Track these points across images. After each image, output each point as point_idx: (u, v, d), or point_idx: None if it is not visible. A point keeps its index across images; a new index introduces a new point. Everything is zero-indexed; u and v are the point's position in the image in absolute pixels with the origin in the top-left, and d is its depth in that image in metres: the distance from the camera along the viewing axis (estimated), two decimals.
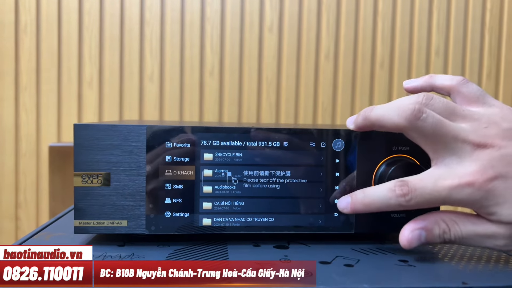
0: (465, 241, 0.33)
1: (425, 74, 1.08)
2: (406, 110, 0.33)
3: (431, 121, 0.32)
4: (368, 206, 0.35)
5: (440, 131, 0.32)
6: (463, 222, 0.33)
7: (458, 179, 0.32)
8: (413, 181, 0.33)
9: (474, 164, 0.32)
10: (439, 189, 0.32)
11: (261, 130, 0.38)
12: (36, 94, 1.02)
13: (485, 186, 0.31)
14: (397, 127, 0.34)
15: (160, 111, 1.04)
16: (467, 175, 0.32)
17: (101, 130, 0.36)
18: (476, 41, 1.12)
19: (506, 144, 0.32)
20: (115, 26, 1.03)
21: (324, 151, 0.39)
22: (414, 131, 0.33)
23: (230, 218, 0.38)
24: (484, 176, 0.31)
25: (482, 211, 0.33)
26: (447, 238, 0.33)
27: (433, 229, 0.33)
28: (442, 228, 0.33)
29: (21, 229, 1.03)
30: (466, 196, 0.32)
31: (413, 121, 0.32)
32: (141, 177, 0.37)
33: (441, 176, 0.32)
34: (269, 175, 0.38)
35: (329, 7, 1.07)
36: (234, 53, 1.05)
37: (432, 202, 0.32)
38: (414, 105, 0.33)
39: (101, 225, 0.36)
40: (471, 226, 0.33)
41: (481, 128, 0.33)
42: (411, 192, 0.32)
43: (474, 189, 0.31)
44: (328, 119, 1.07)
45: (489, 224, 0.33)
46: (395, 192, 0.33)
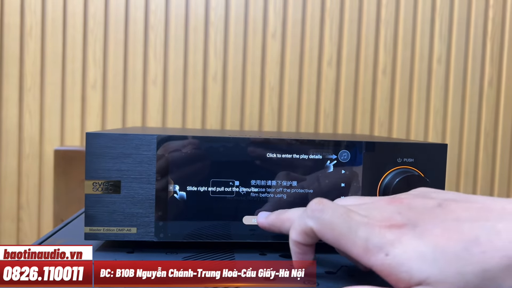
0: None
1: (427, 82, 1.10)
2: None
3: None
4: (279, 218, 0.34)
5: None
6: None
7: (369, 219, 0.28)
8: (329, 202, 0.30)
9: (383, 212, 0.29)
10: (349, 218, 0.28)
11: (267, 141, 0.39)
12: (40, 96, 1.02)
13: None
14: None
15: (163, 115, 1.05)
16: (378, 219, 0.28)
17: (113, 138, 0.37)
18: (478, 50, 1.13)
19: (412, 199, 0.30)
20: (119, 30, 1.03)
21: (330, 162, 0.39)
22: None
23: (237, 227, 0.39)
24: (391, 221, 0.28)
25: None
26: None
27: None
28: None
29: (23, 230, 1.03)
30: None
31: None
32: (151, 185, 0.37)
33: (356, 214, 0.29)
34: (276, 185, 0.39)
35: (332, 14, 1.08)
36: (238, 58, 1.06)
37: (339, 231, 0.28)
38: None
39: (110, 232, 0.37)
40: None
41: (390, 196, 0.32)
42: (325, 204, 0.29)
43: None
44: (330, 125, 1.08)
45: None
46: (310, 203, 0.30)
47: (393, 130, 1.10)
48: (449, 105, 1.12)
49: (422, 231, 0.27)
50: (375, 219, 0.28)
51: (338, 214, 0.28)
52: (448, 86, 1.12)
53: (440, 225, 0.27)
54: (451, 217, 0.27)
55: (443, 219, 0.27)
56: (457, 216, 0.27)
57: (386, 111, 1.10)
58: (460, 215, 0.27)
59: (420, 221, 0.27)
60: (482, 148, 1.13)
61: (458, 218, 0.27)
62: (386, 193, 0.39)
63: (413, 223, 0.27)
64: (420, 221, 0.27)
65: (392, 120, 1.10)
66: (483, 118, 1.13)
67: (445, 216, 0.27)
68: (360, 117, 1.09)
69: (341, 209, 0.29)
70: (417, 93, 1.11)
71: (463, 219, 0.27)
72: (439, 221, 0.27)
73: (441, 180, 0.41)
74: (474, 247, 0.25)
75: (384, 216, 0.28)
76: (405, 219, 0.28)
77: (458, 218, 0.27)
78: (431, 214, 0.28)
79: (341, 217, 0.28)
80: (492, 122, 1.13)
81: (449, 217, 0.27)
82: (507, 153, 1.14)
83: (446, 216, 0.27)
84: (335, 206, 0.29)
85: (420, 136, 1.11)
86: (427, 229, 0.27)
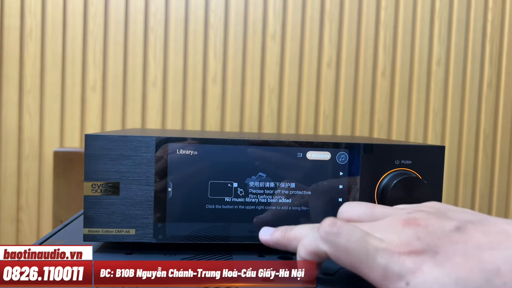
0: None
1: (426, 84, 1.10)
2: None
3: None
4: (286, 237, 0.33)
5: None
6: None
7: (387, 244, 0.28)
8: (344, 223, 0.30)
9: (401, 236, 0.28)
10: (366, 244, 0.28)
11: (266, 143, 0.39)
12: (39, 98, 1.02)
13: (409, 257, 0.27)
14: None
15: (163, 117, 1.05)
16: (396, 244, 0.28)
17: (112, 140, 0.37)
18: (477, 52, 1.13)
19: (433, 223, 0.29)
20: (119, 32, 1.04)
21: (328, 164, 0.39)
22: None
23: (235, 228, 0.39)
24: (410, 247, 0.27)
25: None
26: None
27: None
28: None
29: (22, 232, 1.03)
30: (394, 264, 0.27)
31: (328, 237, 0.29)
32: (150, 187, 0.37)
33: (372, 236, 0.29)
34: (274, 187, 0.39)
35: (332, 16, 1.08)
36: (237, 60, 1.06)
37: (356, 256, 0.28)
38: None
39: (109, 233, 0.37)
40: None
41: (403, 213, 0.31)
42: (340, 228, 0.29)
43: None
44: (330, 127, 1.08)
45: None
46: (322, 224, 0.29)
47: (392, 132, 1.10)
48: (448, 107, 1.12)
49: (442, 259, 0.26)
50: (393, 244, 0.27)
51: (355, 239, 0.28)
52: (447, 88, 1.12)
53: (461, 253, 0.26)
54: (472, 244, 0.27)
55: (463, 246, 0.27)
56: (477, 242, 0.27)
57: (386, 113, 1.10)
58: (480, 241, 0.27)
59: (440, 248, 0.27)
60: (481, 150, 1.13)
61: (478, 245, 0.27)
62: (384, 195, 0.39)
63: (433, 249, 0.27)
64: (440, 248, 0.27)
65: (391, 122, 1.10)
66: (482, 119, 1.13)
67: (465, 242, 0.27)
68: (360, 119, 1.09)
69: (357, 233, 0.28)
70: (417, 95, 1.11)
71: (483, 247, 0.26)
72: (459, 248, 0.27)
73: (439, 182, 0.41)
74: (496, 279, 0.25)
75: (402, 241, 0.27)
76: (425, 245, 0.27)
77: (478, 245, 0.27)
78: (450, 239, 0.27)
79: (358, 242, 0.28)
80: (491, 124, 1.13)
81: (469, 244, 0.27)
82: (506, 155, 1.14)
83: (466, 243, 0.27)
84: (350, 229, 0.28)
85: (420, 138, 1.11)
86: (448, 257, 0.26)
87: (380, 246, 0.27)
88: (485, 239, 0.27)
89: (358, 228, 0.29)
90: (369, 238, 0.28)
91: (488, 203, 1.14)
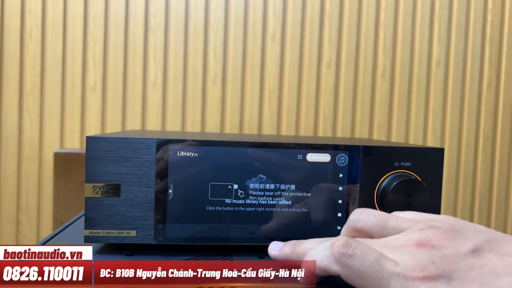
0: None
1: (426, 85, 1.10)
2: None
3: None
4: (295, 252, 0.33)
5: None
6: None
7: (401, 269, 0.27)
8: (360, 241, 0.30)
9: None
10: (380, 267, 0.28)
11: (266, 144, 0.39)
12: (39, 99, 1.02)
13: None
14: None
15: (163, 118, 1.05)
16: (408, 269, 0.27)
17: (113, 142, 0.37)
18: (477, 53, 1.13)
19: (447, 244, 0.28)
20: (119, 33, 1.04)
21: (328, 166, 0.40)
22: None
23: (235, 230, 0.39)
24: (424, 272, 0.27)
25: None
26: None
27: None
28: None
29: (22, 233, 1.03)
30: None
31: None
32: (150, 188, 0.37)
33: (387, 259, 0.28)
34: (274, 188, 0.39)
35: (331, 17, 1.08)
36: (237, 61, 1.06)
37: (369, 280, 0.28)
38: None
39: (110, 234, 0.37)
40: None
41: (416, 230, 0.30)
42: (354, 249, 0.28)
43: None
44: (329, 128, 1.08)
45: None
46: (335, 243, 0.29)
47: (392, 133, 1.11)
48: (448, 108, 1.12)
49: (458, 285, 0.26)
50: (407, 268, 0.27)
51: (369, 262, 0.27)
52: (447, 89, 1.12)
53: (477, 279, 0.26)
54: (488, 269, 0.27)
55: (479, 271, 0.26)
56: (493, 267, 0.27)
57: (385, 114, 1.10)
58: (496, 266, 0.27)
59: (455, 273, 0.26)
60: (481, 151, 1.13)
61: (494, 270, 0.26)
62: (383, 196, 0.40)
63: (448, 275, 0.26)
64: (455, 273, 0.26)
65: (391, 123, 1.11)
66: (481, 121, 1.13)
67: (481, 267, 0.27)
68: (359, 120, 1.09)
69: (371, 256, 0.28)
70: (416, 96, 1.11)
71: (500, 272, 0.26)
72: (475, 274, 0.26)
73: (438, 184, 0.41)
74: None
75: (416, 265, 0.27)
76: (439, 270, 0.27)
77: (494, 270, 0.26)
78: (465, 263, 0.27)
79: (372, 266, 0.27)
80: (491, 125, 1.14)
81: (485, 269, 0.27)
82: (505, 156, 1.14)
83: (482, 268, 0.27)
84: (364, 251, 0.28)
85: (419, 139, 1.11)
86: (463, 283, 0.26)
87: (395, 270, 0.27)
88: (501, 264, 0.26)
89: (372, 249, 0.28)
90: (383, 261, 0.28)
91: (487, 204, 1.14)
